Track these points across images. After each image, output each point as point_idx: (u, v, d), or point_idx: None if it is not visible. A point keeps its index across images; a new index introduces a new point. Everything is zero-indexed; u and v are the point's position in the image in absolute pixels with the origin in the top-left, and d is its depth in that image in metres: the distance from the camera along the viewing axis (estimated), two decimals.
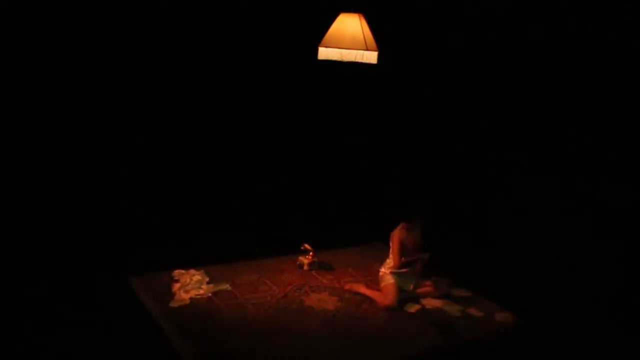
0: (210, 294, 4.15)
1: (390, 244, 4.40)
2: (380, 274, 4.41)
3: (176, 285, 4.21)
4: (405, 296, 4.29)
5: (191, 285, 4.21)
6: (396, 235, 4.34)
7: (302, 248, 4.79)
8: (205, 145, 5.68)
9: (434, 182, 5.97)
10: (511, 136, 5.45)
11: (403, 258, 4.32)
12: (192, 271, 4.43)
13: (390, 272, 4.33)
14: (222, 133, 5.73)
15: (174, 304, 3.97)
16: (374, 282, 4.54)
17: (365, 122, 6.32)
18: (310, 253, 4.78)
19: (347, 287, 4.50)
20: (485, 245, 5.25)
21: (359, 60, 3.78)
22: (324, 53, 3.82)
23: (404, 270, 4.33)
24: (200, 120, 5.59)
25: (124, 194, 5.27)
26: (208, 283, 4.30)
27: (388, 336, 3.83)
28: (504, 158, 5.50)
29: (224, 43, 5.46)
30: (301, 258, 4.80)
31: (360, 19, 3.80)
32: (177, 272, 4.41)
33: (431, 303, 4.32)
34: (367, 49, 3.75)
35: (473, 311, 4.27)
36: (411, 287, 4.35)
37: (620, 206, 4.69)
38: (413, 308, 4.24)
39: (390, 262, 4.38)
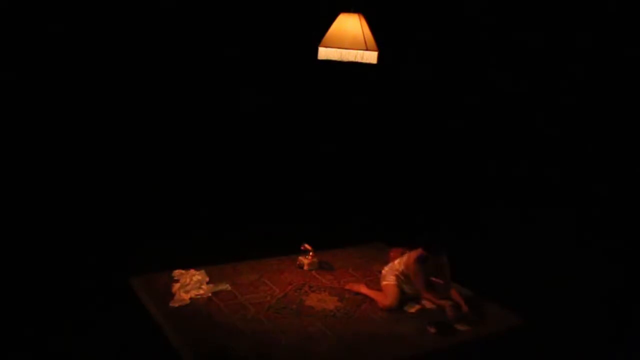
0: (210, 294, 4.15)
1: (413, 268, 4.18)
2: (383, 272, 4.36)
3: (176, 285, 4.21)
4: (405, 297, 4.28)
5: (191, 285, 4.21)
6: (417, 263, 4.15)
7: (302, 248, 4.78)
8: (206, 145, 5.68)
9: (437, 184, 5.98)
10: (511, 138, 5.45)
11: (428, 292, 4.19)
12: (192, 271, 4.42)
13: (395, 274, 4.27)
14: (221, 133, 5.73)
15: (174, 304, 3.96)
16: (374, 282, 4.54)
17: (364, 121, 6.32)
18: (310, 253, 4.77)
19: (347, 286, 4.49)
20: (486, 245, 5.25)
21: (359, 60, 3.78)
22: (324, 53, 3.82)
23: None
24: (199, 120, 5.60)
25: (124, 193, 5.27)
26: (208, 283, 4.30)
27: (388, 336, 3.83)
28: (504, 159, 5.51)
29: (224, 43, 5.46)
30: (301, 258, 4.80)
31: (360, 19, 3.80)
32: (177, 272, 4.41)
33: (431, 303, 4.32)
34: (367, 49, 3.76)
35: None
36: (410, 291, 4.33)
37: (620, 206, 4.69)
38: (413, 308, 4.23)
39: (398, 268, 4.27)
